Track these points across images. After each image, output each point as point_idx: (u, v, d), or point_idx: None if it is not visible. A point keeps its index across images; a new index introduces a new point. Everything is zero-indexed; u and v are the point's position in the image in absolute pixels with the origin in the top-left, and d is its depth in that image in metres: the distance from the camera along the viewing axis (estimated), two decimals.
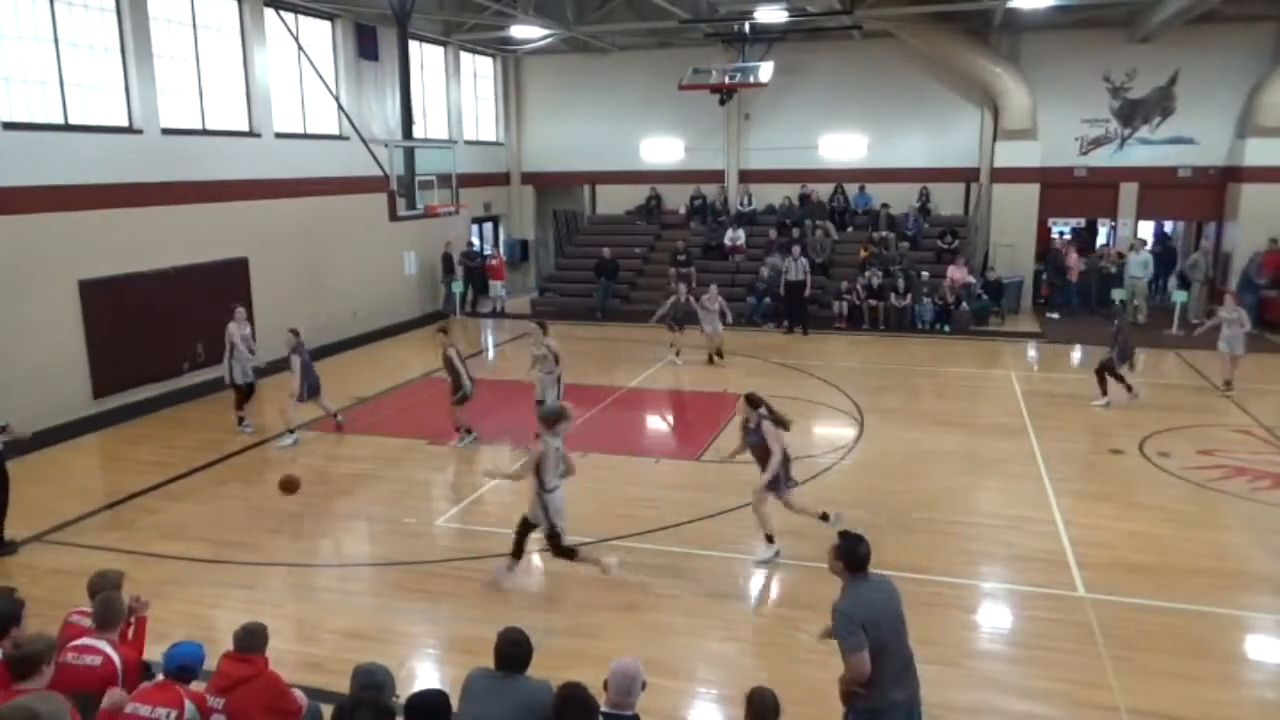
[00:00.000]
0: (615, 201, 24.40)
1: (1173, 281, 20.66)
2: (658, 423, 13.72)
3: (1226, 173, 20.15)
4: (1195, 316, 18.08)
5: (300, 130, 17.05)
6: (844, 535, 4.62)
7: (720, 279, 21.04)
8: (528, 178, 25.25)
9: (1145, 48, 19.79)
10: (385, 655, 5.47)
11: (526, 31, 20.61)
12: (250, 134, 15.69)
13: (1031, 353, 17.35)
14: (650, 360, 16.27)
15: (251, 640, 4.64)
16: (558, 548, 7.44)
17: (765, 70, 20.35)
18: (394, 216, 15.65)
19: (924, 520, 8.94)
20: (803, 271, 18.85)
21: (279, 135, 16.26)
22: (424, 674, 6.46)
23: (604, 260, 21.02)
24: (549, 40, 21.93)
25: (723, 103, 21.19)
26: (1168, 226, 24.30)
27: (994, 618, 7.30)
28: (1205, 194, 20.55)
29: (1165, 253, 22.76)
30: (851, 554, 4.51)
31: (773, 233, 21.70)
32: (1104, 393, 13.04)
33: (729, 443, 11.38)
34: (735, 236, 21.83)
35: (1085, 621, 6.96)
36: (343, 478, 10.45)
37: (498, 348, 18.88)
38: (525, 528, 7.55)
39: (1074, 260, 20.42)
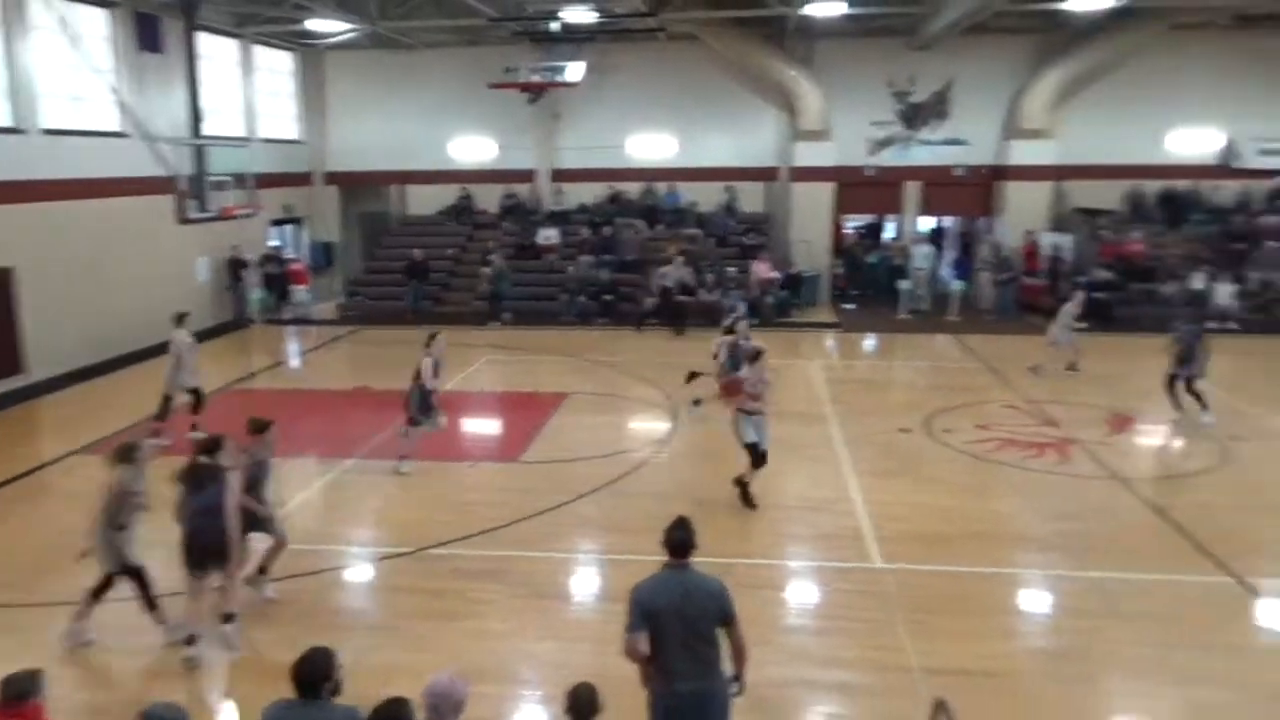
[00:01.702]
0: (426, 202, 23.88)
1: (950, 271, 22.40)
2: (476, 426, 13.57)
3: (995, 171, 22.12)
4: (984, 305, 19.88)
5: (74, 127, 15.59)
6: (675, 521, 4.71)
7: (534, 278, 21.12)
8: (332, 178, 24.28)
9: (924, 56, 21.37)
10: (184, 692, 5.15)
11: (326, 26, 19.79)
12: (13, 130, 14.22)
13: (830, 342, 18.38)
14: (463, 363, 16.07)
15: (20, 687, 4.24)
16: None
17: (575, 70, 20.54)
18: (183, 219, 14.66)
19: (738, 507, 9.30)
20: (685, 274, 19.40)
21: (48, 132, 14.82)
22: (225, 710, 6.12)
23: (415, 262, 20.53)
24: (352, 35, 21.16)
25: (532, 101, 21.22)
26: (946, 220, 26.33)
27: (802, 595, 7.72)
28: (978, 191, 22.50)
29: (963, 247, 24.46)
30: (666, 537, 4.62)
31: (585, 231, 21.91)
32: (1177, 406, 12.28)
33: (549, 444, 11.45)
34: (548, 236, 21.87)
35: (883, 591, 7.48)
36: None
37: (304, 356, 18.06)
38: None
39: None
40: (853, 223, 25.72)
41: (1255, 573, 7.75)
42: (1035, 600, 7.62)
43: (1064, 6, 17.01)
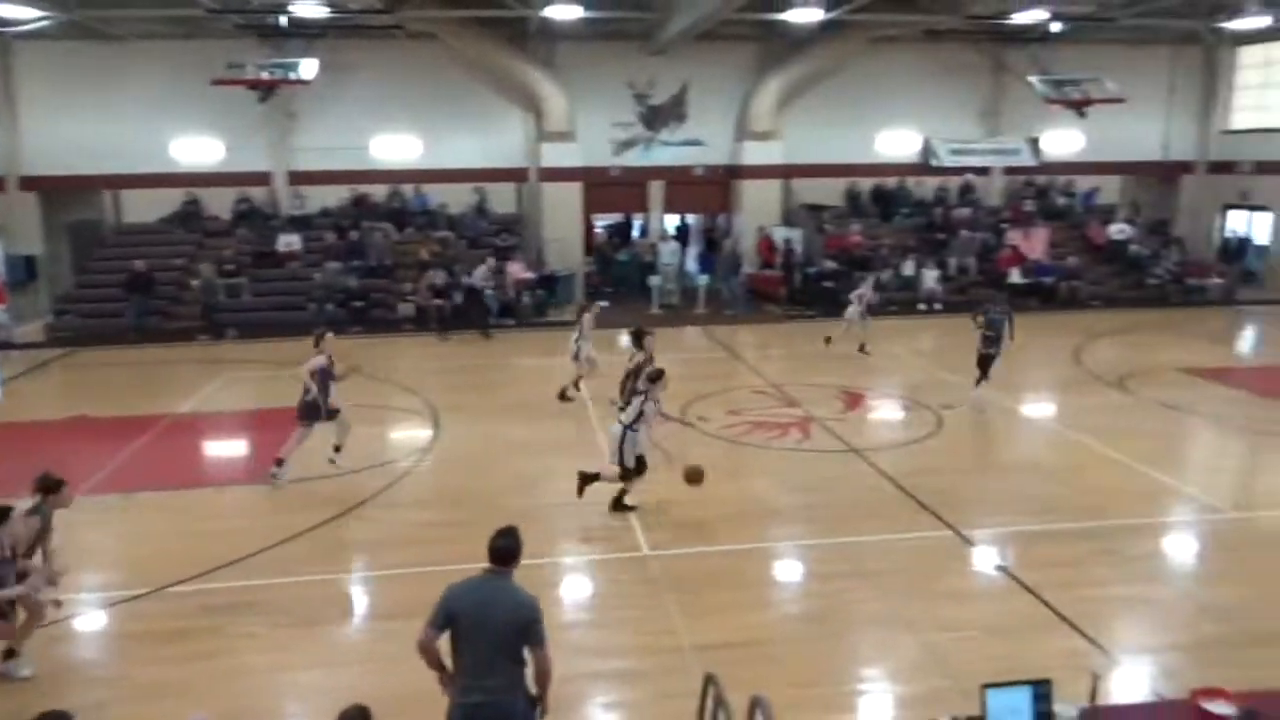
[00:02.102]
0: (146, 208, 21.72)
1: (695, 266, 23.48)
2: (218, 449, 12.60)
3: (731, 171, 23.46)
4: (730, 300, 21.04)
5: None
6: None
7: (276, 287, 19.94)
8: (29, 183, 21.53)
9: (661, 60, 22.23)
10: None
11: (13, 11, 17.50)
12: None
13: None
14: (198, 383, 14.86)
15: None
16: None
17: (308, 67, 19.53)
18: None
19: (507, 509, 9.25)
20: (483, 279, 19.05)
21: None
22: None
23: (136, 274, 18.68)
24: (45, 23, 18.85)
25: (263, 100, 19.96)
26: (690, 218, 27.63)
27: (577, 590, 7.85)
28: (716, 189, 23.79)
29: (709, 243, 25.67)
30: (489, 543, 4.53)
31: (329, 236, 20.95)
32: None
33: (303, 462, 10.85)
34: (289, 242, 20.68)
35: (653, 577, 7.77)
36: None
37: (4, 384, 15.94)
38: None
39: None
40: (603, 222, 26.35)
41: (969, 525, 8.79)
42: (789, 570, 8.21)
43: (780, 17, 18.33)
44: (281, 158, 22.05)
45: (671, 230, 24.68)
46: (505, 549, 4.52)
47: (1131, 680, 6.26)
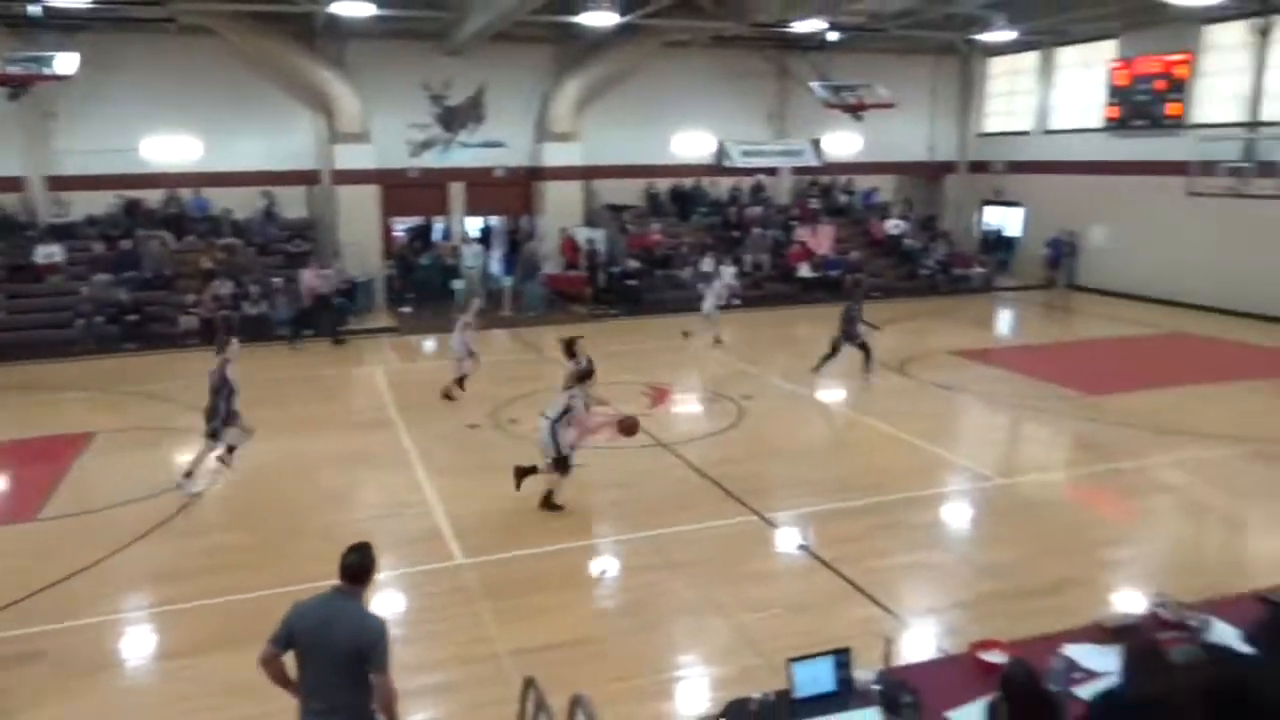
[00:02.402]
0: None
1: (499, 268, 23.26)
2: None
3: (532, 172, 23.45)
4: (528, 302, 20.97)
5: None
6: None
7: (36, 303, 18.19)
8: None
9: (457, 60, 21.87)
10: None
11: None
12: None
13: (390, 347, 18.17)
14: None
15: None
16: None
17: (66, 61, 17.81)
18: None
19: (311, 527, 8.87)
20: (333, 284, 18.29)
21: None
22: None
23: None
24: None
25: (14, 98, 18.03)
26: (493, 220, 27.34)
27: (389, 605, 7.59)
28: (518, 191, 23.70)
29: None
30: (340, 561, 4.32)
31: (97, 246, 19.23)
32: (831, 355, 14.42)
33: (76, 495, 9.93)
34: (50, 253, 18.79)
35: (467, 586, 7.65)
36: None
37: None
38: None
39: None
40: (402, 225, 25.61)
41: (772, 509, 9.24)
42: (603, 566, 8.31)
43: (576, 20, 18.51)
44: (38, 161, 19.99)
45: (474, 233, 24.37)
46: (354, 566, 4.31)
47: (920, 640, 6.78)
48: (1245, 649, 4.90)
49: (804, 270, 22.84)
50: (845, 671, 4.85)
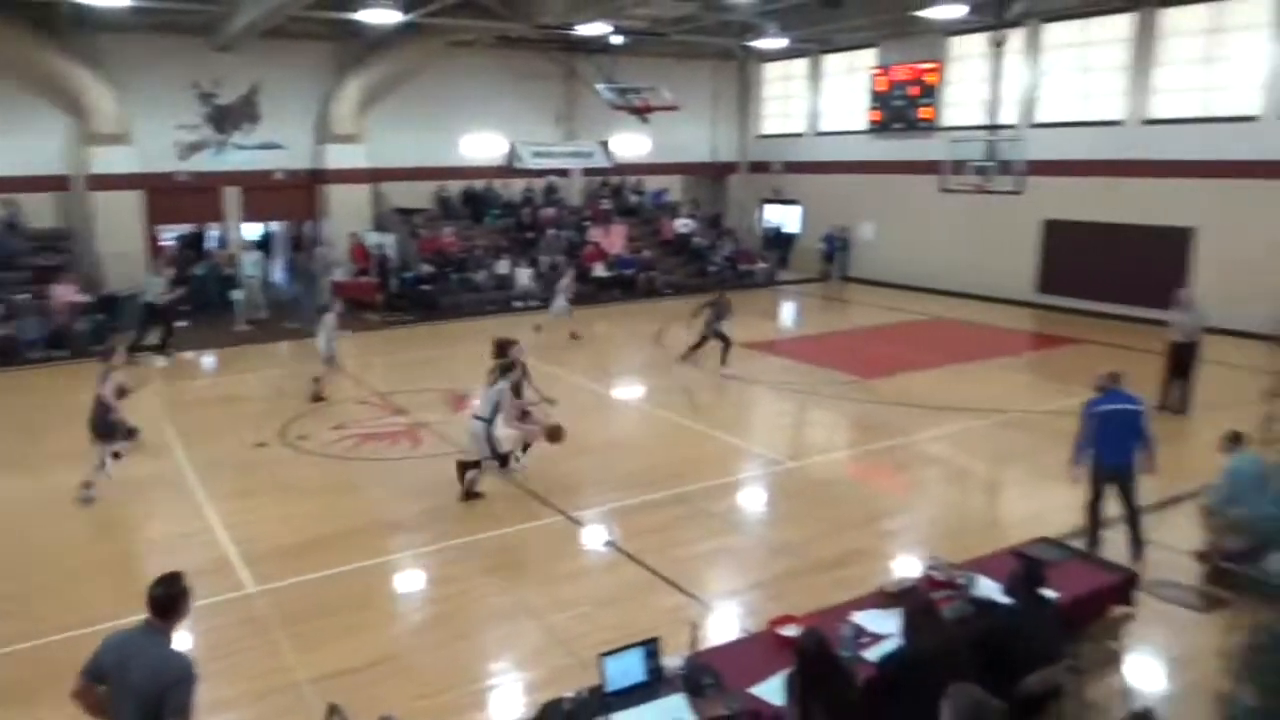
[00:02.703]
0: None
1: (282, 277, 22.00)
2: None
3: (315, 175, 22.40)
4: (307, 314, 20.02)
5: None
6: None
7: None
8: None
9: (229, 57, 20.50)
10: None
11: None
12: None
13: (161, 362, 16.74)
14: None
15: None
16: None
17: None
18: None
19: (88, 566, 8.08)
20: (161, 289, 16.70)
21: None
22: None
23: None
24: None
25: None
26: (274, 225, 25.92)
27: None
28: (300, 194, 22.54)
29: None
30: (147, 593, 4.10)
31: None
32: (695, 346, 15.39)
33: None
34: None
35: (260, 615, 7.22)
36: None
37: None
38: None
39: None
40: (171, 233, 23.76)
41: (578, 507, 9.32)
42: (410, 580, 8.09)
43: (355, 17, 17.86)
44: None
45: (254, 239, 22.98)
46: (160, 599, 4.06)
47: (724, 622, 7.06)
48: (1005, 600, 5.45)
49: (599, 270, 23.16)
50: (655, 661, 4.98)
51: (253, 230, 23.41)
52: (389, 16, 17.31)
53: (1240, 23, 17.40)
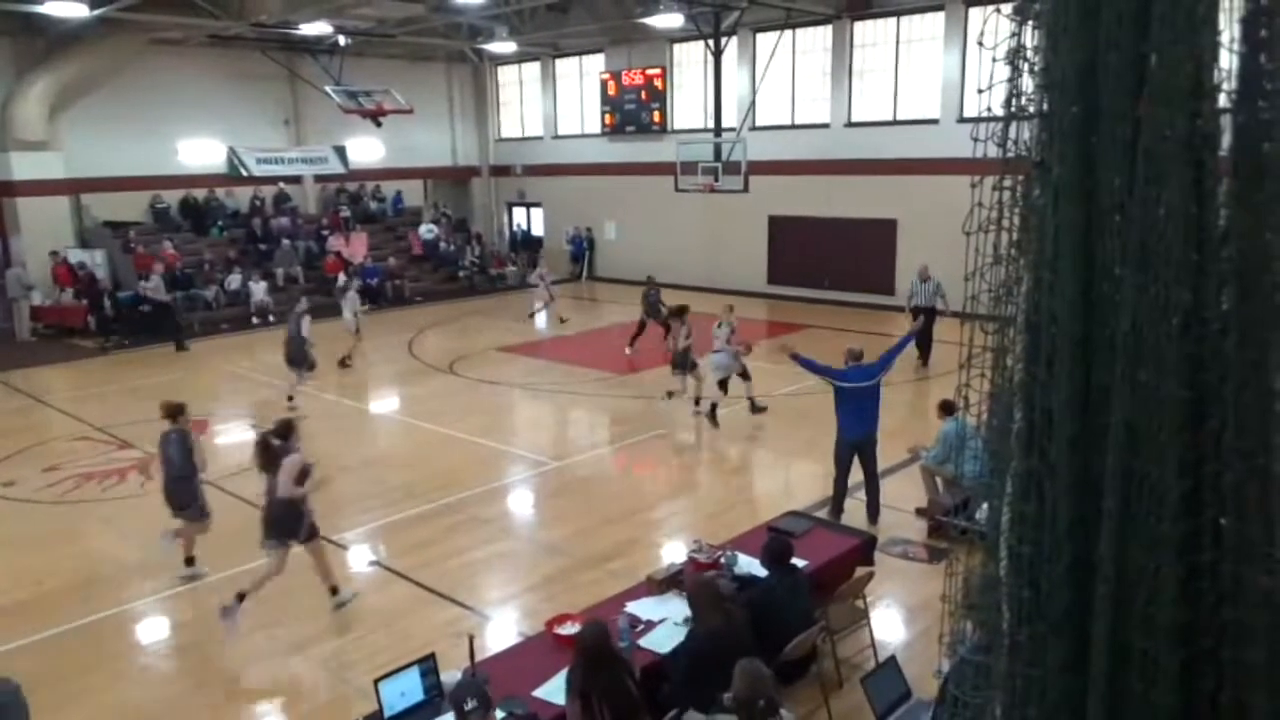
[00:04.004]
0: None
1: None
2: None
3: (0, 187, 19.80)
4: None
5: None
6: None
7: None
8: None
9: None
10: None
11: None
12: None
13: None
14: None
15: None
16: None
17: None
18: None
19: None
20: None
21: None
22: None
23: None
24: None
25: None
26: None
27: None
28: None
29: None
30: None
31: None
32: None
33: None
34: None
35: None
36: None
37: None
38: None
39: None
40: None
41: (339, 529, 8.91)
42: (154, 628, 7.40)
43: (36, 10, 15.92)
44: None
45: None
46: None
47: (501, 629, 7.06)
48: (762, 572, 5.88)
49: (342, 280, 22.17)
50: (433, 678, 4.92)
51: None
52: (76, 10, 15.63)
53: (920, 35, 19.61)
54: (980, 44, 2.39)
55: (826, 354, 9.33)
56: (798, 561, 5.97)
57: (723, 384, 12.21)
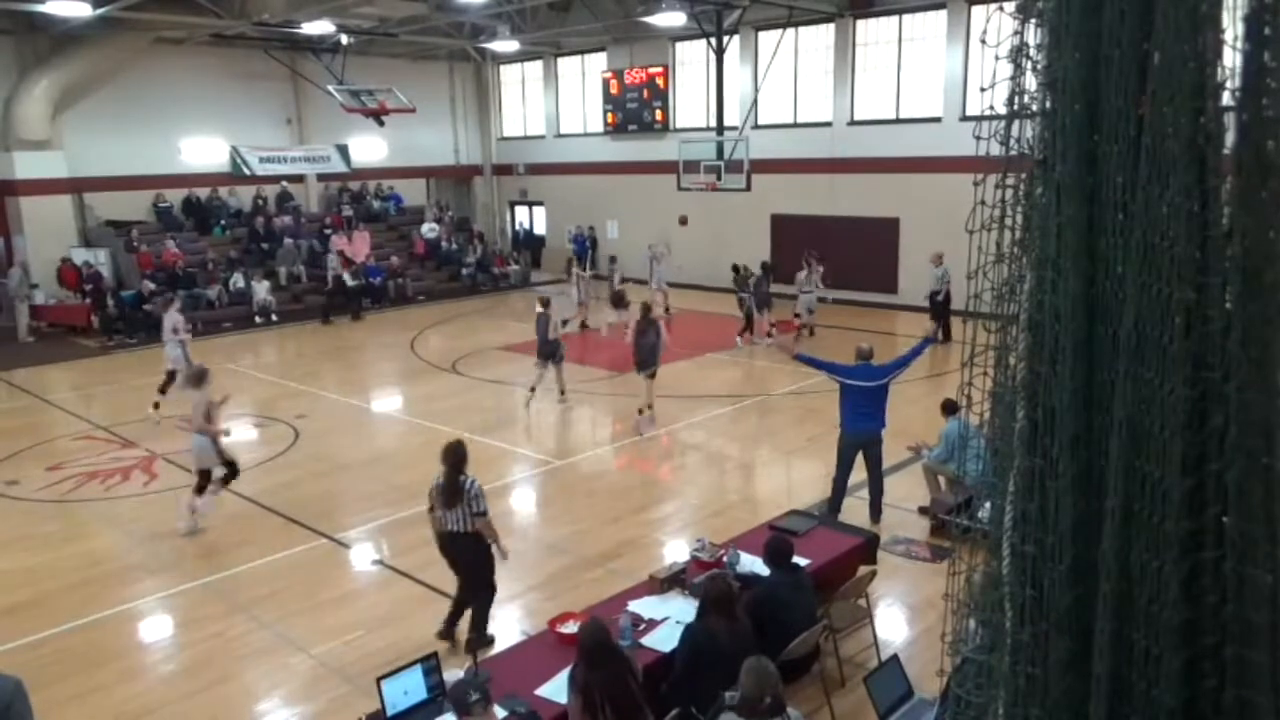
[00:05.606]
0: None
1: None
2: None
3: (2, 186, 19.81)
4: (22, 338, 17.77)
5: None
6: None
7: None
8: None
9: None
10: None
11: None
12: None
13: None
14: None
15: None
16: None
17: None
18: None
19: None
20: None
21: None
22: None
23: None
24: None
25: None
26: None
27: None
28: None
29: None
30: None
31: None
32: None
33: None
34: None
35: None
36: None
37: None
38: None
39: None
40: None
41: (342, 528, 8.93)
42: (156, 627, 7.40)
43: (39, 9, 15.94)
44: None
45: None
46: None
47: (504, 627, 7.05)
48: (765, 571, 5.87)
49: (346, 279, 22.19)
50: (436, 676, 4.92)
51: None
52: (79, 9, 15.65)
53: (922, 33, 19.58)
54: (983, 42, 2.39)
55: (827, 354, 9.32)
56: (800, 560, 5.97)
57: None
